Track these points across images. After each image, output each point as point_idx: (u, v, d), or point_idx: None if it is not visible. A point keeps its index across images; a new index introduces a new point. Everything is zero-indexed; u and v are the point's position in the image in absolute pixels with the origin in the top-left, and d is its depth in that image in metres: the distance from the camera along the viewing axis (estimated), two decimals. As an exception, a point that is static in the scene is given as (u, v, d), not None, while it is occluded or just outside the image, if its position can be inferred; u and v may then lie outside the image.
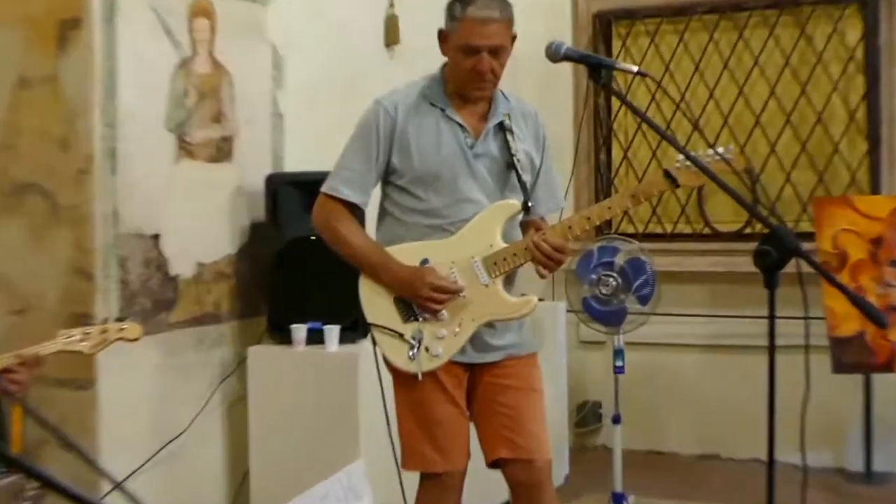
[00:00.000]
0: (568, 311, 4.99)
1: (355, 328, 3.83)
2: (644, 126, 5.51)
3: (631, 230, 5.67)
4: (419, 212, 2.76)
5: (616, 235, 4.86)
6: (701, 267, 5.40)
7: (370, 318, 2.77)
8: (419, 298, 2.68)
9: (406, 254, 2.75)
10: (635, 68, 2.50)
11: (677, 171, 2.66)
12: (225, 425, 3.98)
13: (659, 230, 5.69)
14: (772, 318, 2.22)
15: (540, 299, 2.87)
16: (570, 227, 2.70)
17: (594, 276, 4.64)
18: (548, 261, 2.66)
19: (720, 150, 2.60)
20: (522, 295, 2.82)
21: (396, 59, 4.85)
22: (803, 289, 2.31)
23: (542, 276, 2.72)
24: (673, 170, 2.66)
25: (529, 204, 2.76)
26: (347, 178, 2.75)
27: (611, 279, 4.63)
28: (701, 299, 5.44)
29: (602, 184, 5.76)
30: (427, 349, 2.70)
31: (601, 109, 5.74)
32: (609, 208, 2.68)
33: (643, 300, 4.55)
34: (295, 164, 4.21)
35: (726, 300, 5.33)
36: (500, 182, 2.78)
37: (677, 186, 2.66)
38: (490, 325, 2.79)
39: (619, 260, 4.62)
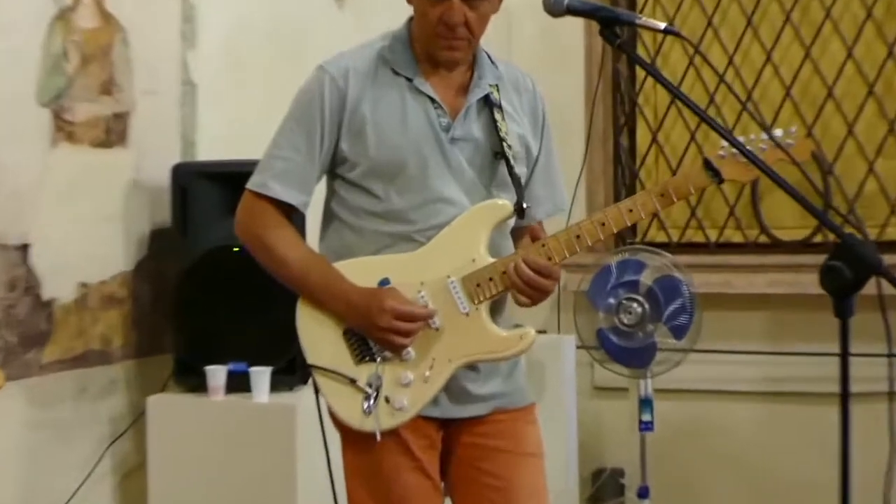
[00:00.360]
0: (578, 347, 5.01)
1: (292, 371, 3.85)
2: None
3: (662, 239, 5.69)
4: (377, 215, 2.76)
5: (642, 246, 4.90)
6: (755, 287, 5.44)
7: (311, 359, 2.77)
8: (377, 330, 2.69)
9: (360, 271, 2.74)
10: (663, 25, 2.53)
11: (722, 161, 2.67)
12: (117, 500, 3.93)
13: (699, 239, 5.71)
14: (844, 355, 2.24)
15: (540, 332, 2.91)
16: (577, 237, 2.72)
17: (613, 301, 4.67)
18: (528, 289, 2.70)
19: (778, 132, 2.62)
20: (516, 326, 2.82)
21: (348, 10, 4.86)
22: (885, 317, 2.32)
23: (521, 304, 2.76)
24: (716, 159, 2.67)
25: (524, 205, 2.77)
26: (281, 170, 2.77)
27: (635, 304, 4.66)
28: (755, 331, 5.48)
29: (623, 177, 5.80)
30: (388, 400, 2.70)
31: (622, 79, 5.76)
32: (631, 211, 2.70)
33: (678, 332, 4.58)
34: (211, 150, 4.20)
35: (789, 332, 5.36)
36: (486, 175, 2.79)
37: (721, 181, 2.68)
38: (472, 367, 2.79)
39: (646, 279, 4.66)
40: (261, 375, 3.81)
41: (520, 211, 2.79)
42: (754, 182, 5.29)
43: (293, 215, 2.82)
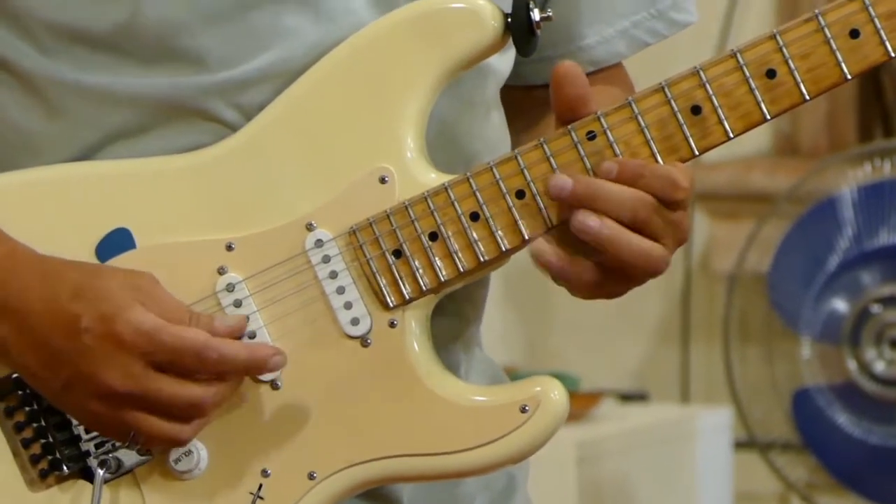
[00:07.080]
0: (742, 445, 2.89)
1: None
2: None
3: None
4: (96, 41, 1.53)
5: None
6: None
7: None
8: (104, 396, 1.49)
9: (44, 210, 1.61)
10: None
11: None
12: None
13: None
14: None
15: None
16: (697, 109, 1.40)
17: (843, 308, 2.43)
18: (605, 241, 1.42)
19: None
20: (513, 378, 1.73)
21: None
22: None
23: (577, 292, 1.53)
24: None
25: (538, 9, 1.50)
26: None
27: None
28: None
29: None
30: None
31: None
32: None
33: None
34: None
35: None
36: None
37: None
38: (378, 495, 1.58)
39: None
40: None
41: (523, 28, 1.51)
42: None
43: None
